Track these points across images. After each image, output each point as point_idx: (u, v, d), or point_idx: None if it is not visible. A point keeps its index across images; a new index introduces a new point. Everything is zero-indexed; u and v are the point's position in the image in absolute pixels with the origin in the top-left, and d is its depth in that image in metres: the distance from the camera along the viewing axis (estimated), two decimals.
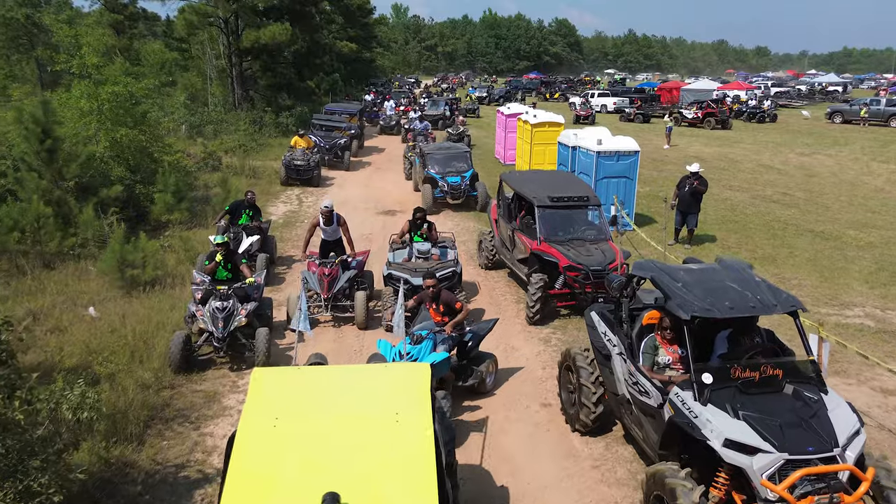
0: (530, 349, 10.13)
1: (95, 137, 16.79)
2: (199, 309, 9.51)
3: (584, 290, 10.51)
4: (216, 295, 9.55)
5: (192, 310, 9.62)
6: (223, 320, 9.30)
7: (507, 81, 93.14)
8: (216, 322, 9.29)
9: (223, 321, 9.30)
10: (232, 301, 9.49)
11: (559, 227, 11.53)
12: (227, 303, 9.42)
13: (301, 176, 22.01)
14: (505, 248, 12.75)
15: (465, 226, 17.81)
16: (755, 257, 15.14)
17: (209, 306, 9.43)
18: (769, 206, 20.21)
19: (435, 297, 8.47)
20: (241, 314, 9.48)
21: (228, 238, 12.77)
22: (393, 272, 10.71)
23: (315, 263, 11.32)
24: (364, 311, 10.74)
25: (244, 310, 9.56)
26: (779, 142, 36.00)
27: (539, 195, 11.70)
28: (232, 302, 9.48)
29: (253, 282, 9.93)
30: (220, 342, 9.23)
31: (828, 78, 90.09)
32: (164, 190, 16.65)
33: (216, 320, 9.30)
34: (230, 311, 9.39)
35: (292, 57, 39.91)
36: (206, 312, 9.40)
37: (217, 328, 9.26)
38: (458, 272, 10.88)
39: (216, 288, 9.64)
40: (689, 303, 5.83)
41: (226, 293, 9.55)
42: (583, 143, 17.47)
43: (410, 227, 11.51)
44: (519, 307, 11.79)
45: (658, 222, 18.15)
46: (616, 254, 10.86)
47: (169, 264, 13.53)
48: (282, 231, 17.28)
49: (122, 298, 11.85)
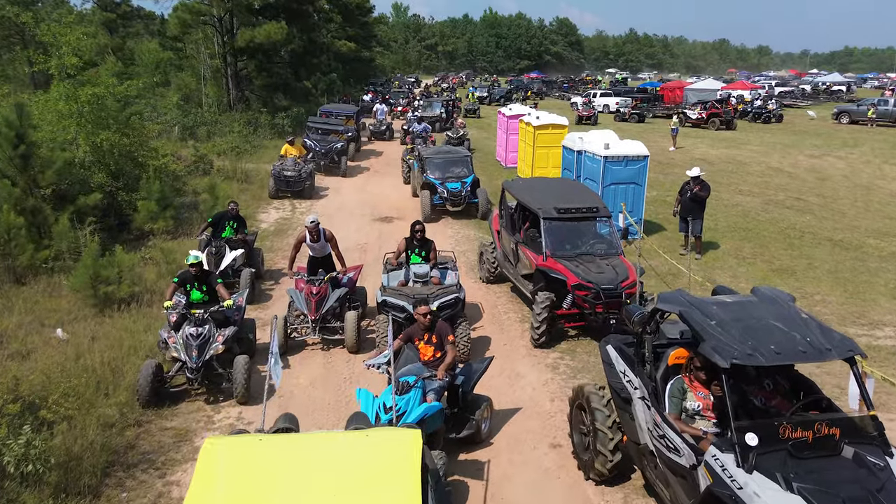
0: (536, 377, 9.24)
1: (75, 142, 15.89)
2: (172, 335, 8.60)
3: (594, 311, 9.62)
4: (190, 320, 8.65)
5: (163, 336, 8.71)
6: (197, 349, 8.40)
7: (508, 81, 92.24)
8: (190, 350, 8.39)
9: (197, 350, 8.40)
10: (208, 327, 8.61)
11: (567, 241, 10.64)
12: (203, 329, 8.54)
13: (292, 187, 20.35)
14: (508, 261, 11.87)
15: (465, 234, 16.93)
16: (773, 269, 14.27)
17: (182, 333, 8.53)
18: (783, 213, 19.32)
19: (429, 327, 7.49)
20: (218, 341, 8.61)
21: (211, 251, 11.95)
22: (388, 299, 9.59)
23: (303, 281, 10.43)
24: (354, 334, 9.86)
25: (221, 336, 8.67)
26: (786, 143, 35.08)
27: (545, 206, 10.80)
28: (208, 328, 8.60)
29: (231, 304, 9.01)
30: (195, 373, 8.33)
31: (832, 77, 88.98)
32: (148, 197, 15.77)
33: (190, 348, 8.40)
34: (205, 337, 8.50)
35: (289, 56, 39.07)
36: (178, 340, 8.49)
37: (191, 357, 8.35)
38: (461, 299, 9.76)
39: (190, 312, 8.74)
40: (728, 347, 4.94)
41: (201, 318, 8.66)
42: (589, 147, 16.59)
43: (407, 246, 10.51)
44: (523, 327, 10.91)
45: (667, 229, 17.31)
46: (629, 270, 9.97)
47: (148, 279, 12.66)
48: (272, 240, 16.41)
49: (95, 318, 10.98)
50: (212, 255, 11.83)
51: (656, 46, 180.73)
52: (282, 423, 5.92)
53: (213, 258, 11.77)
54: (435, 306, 8.91)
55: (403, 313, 9.15)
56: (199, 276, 9.28)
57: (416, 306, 7.44)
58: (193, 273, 9.19)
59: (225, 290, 9.26)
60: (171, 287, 9.18)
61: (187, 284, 9.29)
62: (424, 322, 7.43)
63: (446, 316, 9.07)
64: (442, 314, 8.97)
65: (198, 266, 9.21)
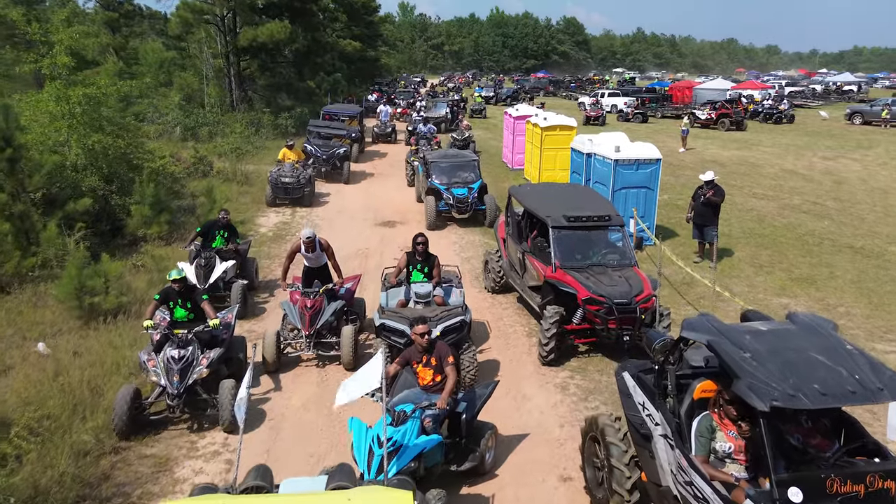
0: (545, 398, 8.63)
1: (67, 144, 15.35)
2: (152, 358, 7.96)
3: (606, 327, 9.00)
4: (173, 341, 8.02)
5: (142, 359, 8.03)
6: (179, 373, 7.77)
7: (514, 80, 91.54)
8: (171, 375, 7.75)
9: (179, 374, 7.76)
10: (191, 349, 7.98)
11: (577, 251, 10.01)
12: (185, 351, 7.91)
13: (290, 194, 19.35)
14: (514, 271, 11.26)
15: (470, 240, 16.32)
16: (792, 278, 13.62)
17: (163, 355, 7.91)
18: (800, 217, 18.64)
19: (427, 348, 6.84)
20: (202, 364, 7.95)
21: (200, 263, 11.32)
22: (387, 322, 8.68)
23: (298, 293, 9.85)
24: (351, 350, 9.26)
25: (206, 358, 8.02)
26: (800, 144, 34.34)
27: (554, 214, 10.17)
28: (191, 350, 7.96)
29: (217, 324, 8.33)
30: (176, 399, 7.69)
31: (842, 77, 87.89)
32: (142, 201, 15.22)
33: (171, 373, 7.76)
34: (188, 361, 7.87)
35: (292, 56, 38.53)
36: (159, 363, 7.88)
37: (171, 383, 7.72)
38: (467, 321, 8.83)
39: (173, 332, 8.11)
40: (766, 386, 4.32)
41: (184, 339, 8.04)
42: (599, 149, 15.99)
43: (409, 261, 9.70)
44: (531, 342, 10.30)
45: (680, 235, 16.68)
46: (643, 283, 9.34)
47: (138, 288, 12.09)
48: (270, 246, 15.87)
49: (79, 331, 10.43)
50: (201, 268, 11.22)
51: (664, 46, 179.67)
52: (252, 479, 5.16)
53: (202, 270, 11.18)
54: (438, 331, 8.27)
55: (404, 338, 8.40)
56: (183, 292, 8.65)
57: (413, 325, 6.77)
58: (177, 289, 8.54)
59: (211, 308, 8.62)
60: (152, 305, 8.55)
61: (170, 301, 8.66)
62: (422, 343, 6.80)
63: (451, 341, 8.41)
64: (447, 339, 8.33)
65: (181, 282, 8.55)
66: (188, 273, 11.09)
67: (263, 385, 9.03)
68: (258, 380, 9.15)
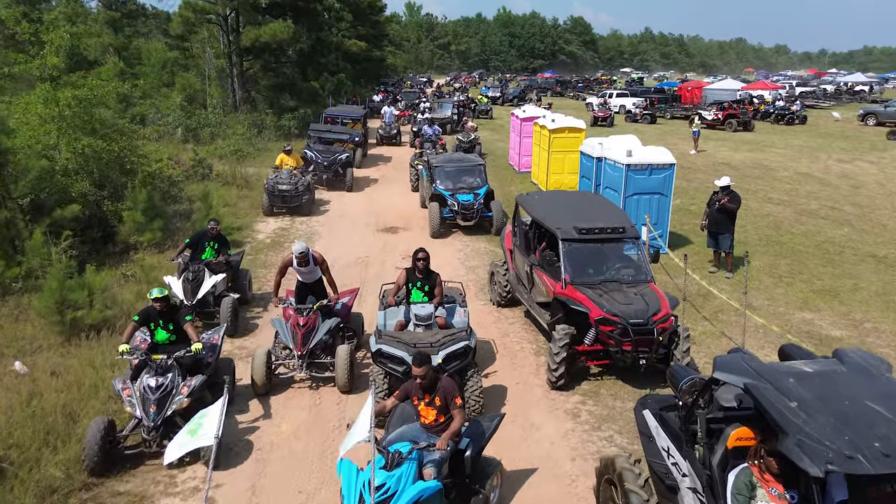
0: (554, 427, 7.98)
1: (58, 148, 14.77)
2: (127, 387, 7.26)
3: (621, 349, 8.34)
4: (151, 367, 7.35)
5: (117, 388, 7.31)
6: (156, 403, 7.09)
7: (521, 80, 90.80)
8: (147, 406, 7.08)
9: (156, 405, 7.08)
10: (171, 376, 7.32)
11: (589, 266, 9.35)
12: (164, 379, 7.25)
13: (288, 203, 18.23)
14: (521, 285, 10.60)
15: (475, 247, 15.68)
16: (813, 290, 12.94)
17: (140, 383, 7.24)
18: (818, 224, 17.93)
19: (429, 386, 6.17)
20: (183, 393, 7.27)
21: (188, 277, 10.66)
22: (384, 348, 7.92)
23: (291, 309, 9.23)
24: (346, 371, 8.63)
25: (187, 386, 7.35)
26: (813, 146, 33.55)
27: (564, 225, 9.49)
28: (171, 377, 7.30)
29: (200, 349, 7.67)
30: (153, 433, 7.01)
31: (854, 77, 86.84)
32: (134, 207, 14.64)
33: (147, 403, 7.09)
34: (167, 389, 7.20)
35: (296, 56, 37.95)
36: (134, 392, 7.19)
37: (147, 414, 7.05)
38: (471, 347, 8.02)
39: (151, 358, 7.44)
40: (819, 446, 3.68)
41: (164, 364, 7.38)
42: (609, 153, 15.31)
43: (408, 278, 8.97)
44: (539, 361, 9.66)
45: (694, 243, 16.01)
46: (661, 301, 8.66)
47: (125, 300, 11.49)
48: (267, 253, 15.25)
49: (60, 347, 9.86)
50: (188, 282, 10.58)
51: (671, 45, 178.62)
52: None
53: (189, 284, 10.55)
54: (441, 357, 7.63)
55: (402, 366, 7.74)
56: (166, 312, 7.98)
57: (415, 363, 6.04)
58: (158, 309, 7.89)
59: (194, 331, 7.94)
60: (131, 327, 7.85)
61: (151, 323, 7.99)
62: (418, 385, 6.10)
63: (454, 369, 7.76)
64: (449, 367, 7.68)
65: (163, 301, 7.92)
66: (175, 288, 10.51)
67: (252, 410, 8.43)
68: (246, 404, 8.56)
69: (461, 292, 9.70)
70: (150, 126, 30.01)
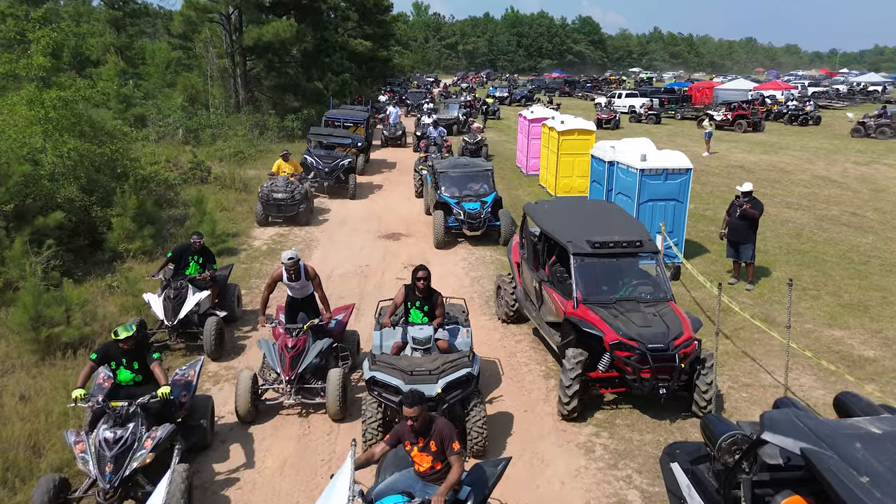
0: (565, 464, 7.23)
1: (45, 151, 14.12)
2: (81, 440, 6.14)
3: (638, 377, 7.58)
4: (109, 416, 6.27)
5: (69, 440, 6.18)
6: (114, 461, 5.99)
7: (529, 80, 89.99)
8: (103, 464, 5.97)
9: (114, 462, 5.98)
10: (132, 426, 6.23)
11: (603, 282, 8.59)
12: (124, 431, 6.17)
13: (284, 212, 16.97)
14: (529, 302, 9.85)
15: (480, 256, 14.93)
16: (841, 304, 12.14)
17: (96, 436, 6.14)
18: (841, 231, 17.10)
19: (423, 429, 5.44)
20: (146, 447, 6.16)
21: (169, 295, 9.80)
22: (378, 375, 7.17)
23: (281, 328, 8.52)
24: (338, 398, 7.90)
25: (151, 439, 6.22)
26: (829, 148, 32.66)
27: (575, 238, 8.72)
28: (132, 428, 6.21)
29: (167, 393, 6.56)
30: (110, 496, 5.92)
31: (867, 77, 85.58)
32: (123, 213, 13.97)
33: (103, 461, 5.99)
34: (126, 444, 6.10)
35: (300, 56, 37.28)
36: (89, 446, 6.08)
37: (103, 474, 5.93)
38: (474, 374, 7.24)
39: (109, 405, 6.32)
40: None
41: (125, 413, 6.29)
42: (622, 157, 14.56)
43: (407, 297, 8.23)
44: (549, 385, 8.91)
45: (710, 251, 15.24)
46: (682, 323, 7.89)
47: (109, 314, 10.84)
48: (262, 262, 14.55)
49: (34, 367, 9.20)
50: (170, 300, 9.74)
51: (681, 45, 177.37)
52: None
53: (171, 303, 9.71)
54: (440, 386, 6.91)
55: (398, 395, 6.91)
56: (131, 350, 6.87)
57: (405, 403, 5.32)
58: (123, 348, 6.81)
59: (163, 371, 6.83)
60: (87, 367, 6.74)
61: (112, 361, 6.92)
62: (409, 428, 5.35)
63: (456, 398, 7.05)
64: (449, 397, 6.96)
65: (130, 341, 6.76)
66: (155, 306, 9.76)
67: (235, 440, 7.72)
68: (229, 433, 7.85)
69: (464, 309, 8.98)
70: (151, 127, 29.59)
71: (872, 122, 37.46)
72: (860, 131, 37.45)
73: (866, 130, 37.20)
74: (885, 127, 36.84)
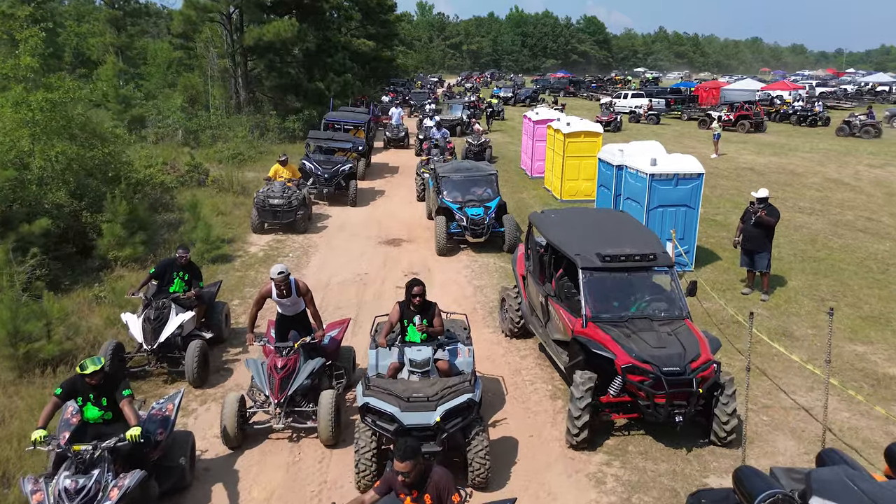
0: (575, 498, 6.68)
1: (32, 155, 13.63)
2: (39, 489, 5.46)
3: (652, 402, 7.04)
4: (71, 461, 5.62)
5: (26, 490, 5.49)
6: None
7: (533, 80, 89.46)
8: None
9: None
10: (97, 473, 5.54)
11: (613, 298, 8.05)
12: (87, 479, 5.46)
13: (279, 219, 16.18)
14: (535, 317, 9.31)
15: (483, 263, 14.40)
16: (861, 316, 11.59)
17: (56, 485, 5.47)
18: (856, 237, 16.53)
19: (418, 481, 4.81)
20: (112, 497, 5.46)
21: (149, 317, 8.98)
22: (372, 402, 6.59)
23: (271, 347, 7.99)
24: (330, 422, 7.37)
25: (118, 488, 5.53)
26: (839, 150, 32.04)
27: (584, 251, 8.17)
28: (97, 475, 5.52)
29: (137, 435, 5.81)
30: None
31: (875, 77, 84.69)
32: (113, 219, 13.47)
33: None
34: (90, 494, 5.42)
35: (302, 56, 36.79)
36: (48, 497, 5.41)
37: None
38: (475, 400, 6.69)
39: (72, 449, 5.66)
40: None
41: (88, 458, 5.60)
42: (631, 161, 14.03)
43: (402, 314, 7.71)
44: (556, 406, 8.38)
45: (721, 258, 14.70)
46: (700, 343, 7.33)
47: (94, 327, 10.35)
48: (258, 269, 14.05)
49: (11, 385, 8.71)
50: (150, 322, 8.93)
51: (686, 45, 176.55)
52: None
53: (151, 325, 8.90)
54: (439, 415, 6.39)
55: (393, 424, 6.40)
56: (100, 385, 6.09)
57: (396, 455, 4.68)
58: (90, 383, 6.05)
59: (132, 410, 6.03)
60: (50, 405, 6.02)
61: (78, 397, 6.16)
62: (406, 482, 4.81)
63: (456, 427, 6.53)
64: (449, 426, 6.44)
65: (98, 375, 6.01)
66: (133, 329, 9.02)
67: (220, 468, 7.20)
68: (213, 459, 7.34)
69: (465, 326, 8.44)
70: (151, 128, 29.15)
71: (858, 122, 37.67)
72: (844, 130, 37.67)
73: (851, 129, 37.37)
74: (870, 127, 37.10)
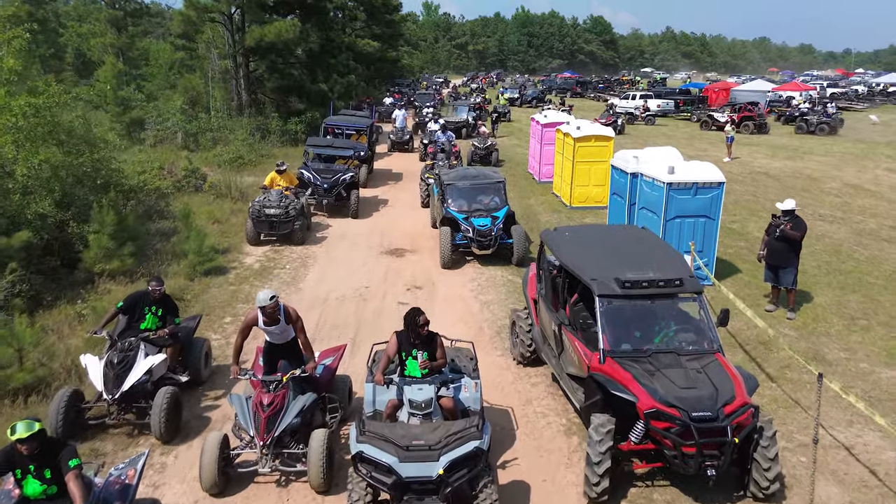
0: None
1: (16, 162, 12.95)
2: None
3: (680, 452, 6.24)
4: None
5: None
6: None
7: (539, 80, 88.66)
8: None
9: None
10: None
11: (634, 329, 7.25)
12: None
13: (276, 230, 15.32)
14: (548, 346, 8.54)
15: (491, 276, 13.64)
16: (894, 336, 10.79)
17: None
18: (882, 248, 15.71)
19: None
20: None
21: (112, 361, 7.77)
22: (367, 450, 5.87)
23: (258, 381, 7.23)
24: (322, 466, 6.63)
25: None
26: (856, 153, 31.16)
27: (601, 275, 7.36)
28: None
29: None
30: None
31: (887, 78, 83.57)
32: (101, 230, 12.77)
33: None
34: None
35: (305, 56, 36.09)
36: None
37: None
38: (483, 449, 5.95)
39: None
40: None
41: None
42: (647, 169, 13.28)
43: (400, 346, 6.92)
44: (571, 444, 7.62)
45: (742, 271, 13.94)
46: (734, 383, 6.50)
47: (72, 349, 9.61)
48: (252, 283, 13.28)
49: None
50: (112, 366, 7.67)
51: (693, 45, 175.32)
52: None
53: (113, 370, 7.65)
54: (442, 466, 5.67)
55: (390, 476, 5.76)
56: (39, 454, 5.06)
57: None
58: (26, 453, 5.00)
59: (79, 487, 4.91)
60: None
61: (17, 469, 5.13)
62: None
63: (462, 479, 5.80)
64: (453, 479, 5.71)
65: (31, 443, 4.99)
66: (93, 374, 7.79)
67: None
68: None
69: (472, 356, 7.69)
70: (150, 130, 28.51)
71: (814, 119, 39.52)
72: (803, 128, 39.42)
73: (808, 127, 39.14)
74: (825, 124, 38.86)
